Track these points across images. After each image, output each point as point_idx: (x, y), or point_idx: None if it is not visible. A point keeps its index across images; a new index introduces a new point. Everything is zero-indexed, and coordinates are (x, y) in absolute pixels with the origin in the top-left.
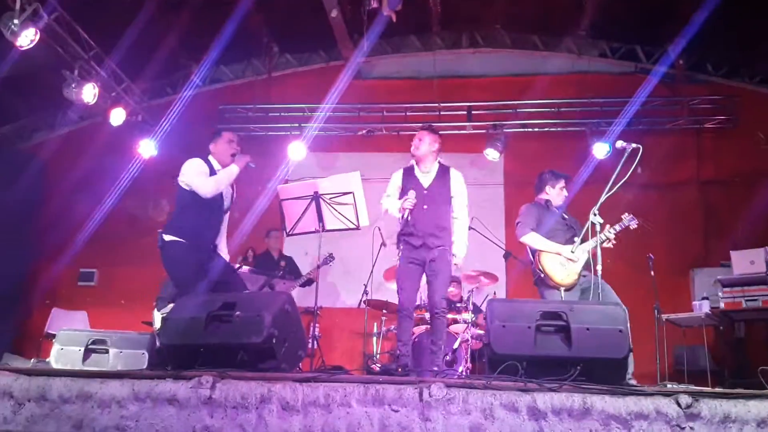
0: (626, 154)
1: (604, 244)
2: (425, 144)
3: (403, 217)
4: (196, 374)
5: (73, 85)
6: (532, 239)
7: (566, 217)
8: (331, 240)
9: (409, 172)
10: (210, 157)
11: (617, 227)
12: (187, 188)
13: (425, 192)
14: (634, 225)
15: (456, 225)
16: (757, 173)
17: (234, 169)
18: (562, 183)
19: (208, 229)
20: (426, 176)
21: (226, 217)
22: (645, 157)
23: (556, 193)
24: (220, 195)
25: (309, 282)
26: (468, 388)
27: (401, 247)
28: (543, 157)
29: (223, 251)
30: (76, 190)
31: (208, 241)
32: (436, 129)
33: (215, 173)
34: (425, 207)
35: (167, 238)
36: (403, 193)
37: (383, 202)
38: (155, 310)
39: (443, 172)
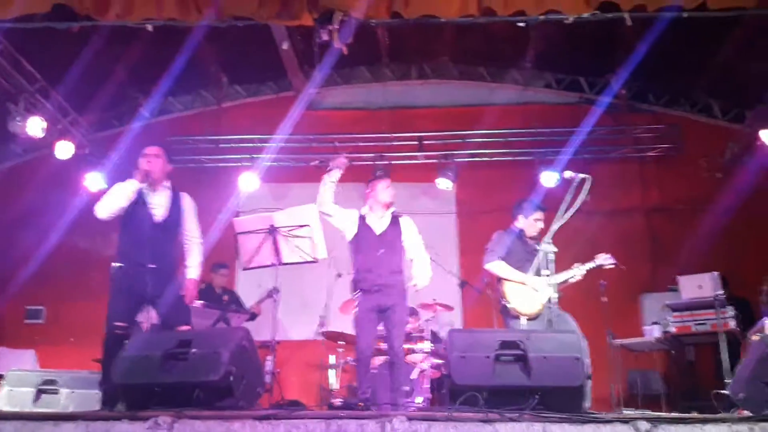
0: (575, 184)
1: (571, 280)
2: (392, 192)
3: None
4: (152, 414)
5: (18, 119)
6: (496, 267)
7: (539, 248)
8: (285, 271)
9: (362, 220)
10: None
11: (590, 265)
12: None
13: (378, 238)
14: (609, 265)
15: (414, 263)
16: (700, 199)
17: (123, 185)
18: (537, 215)
19: (135, 247)
20: (379, 222)
21: (190, 232)
22: (592, 185)
23: (528, 224)
24: (144, 209)
25: (253, 316)
26: (430, 421)
27: (358, 294)
28: (494, 185)
29: (189, 268)
30: (21, 225)
31: (138, 260)
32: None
33: (141, 192)
34: (379, 252)
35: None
36: (358, 239)
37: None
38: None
39: (395, 218)
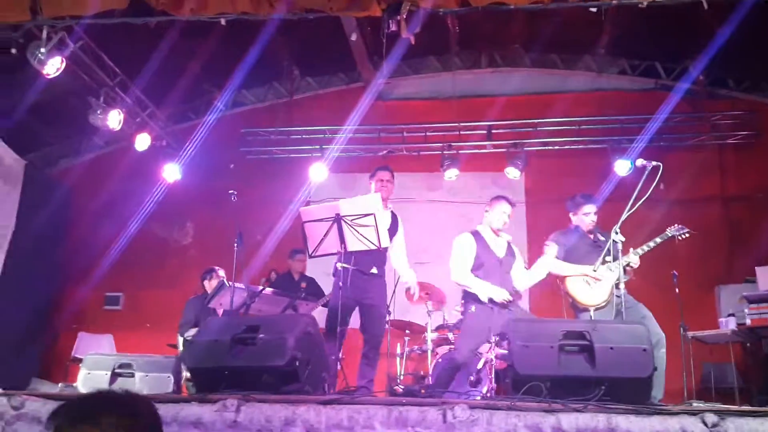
0: (647, 172)
1: (632, 264)
2: (505, 220)
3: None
4: (220, 397)
5: (99, 112)
6: (554, 267)
7: (601, 238)
8: None
9: (480, 239)
10: None
11: (658, 240)
12: None
13: (500, 263)
14: (683, 234)
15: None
16: None
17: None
18: (584, 209)
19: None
20: (499, 246)
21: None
22: (668, 174)
23: (579, 219)
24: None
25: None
26: (492, 410)
27: (474, 306)
28: (564, 174)
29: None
30: (102, 214)
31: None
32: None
33: None
34: (502, 278)
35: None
36: (478, 261)
37: (460, 276)
38: (179, 335)
39: (508, 243)
